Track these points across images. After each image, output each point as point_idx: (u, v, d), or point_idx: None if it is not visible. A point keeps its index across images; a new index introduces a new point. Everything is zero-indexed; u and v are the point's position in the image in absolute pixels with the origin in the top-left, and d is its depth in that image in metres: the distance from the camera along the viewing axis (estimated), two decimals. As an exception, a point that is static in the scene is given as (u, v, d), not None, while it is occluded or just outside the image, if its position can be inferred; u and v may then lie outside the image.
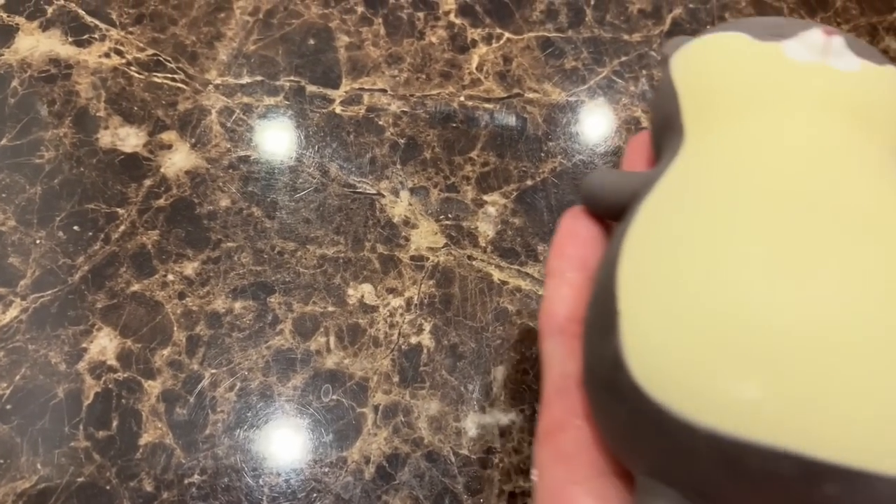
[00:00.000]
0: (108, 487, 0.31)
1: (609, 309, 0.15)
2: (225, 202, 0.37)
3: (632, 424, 0.15)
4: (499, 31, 0.42)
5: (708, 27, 0.17)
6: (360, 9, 0.42)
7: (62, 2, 0.41)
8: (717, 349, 0.13)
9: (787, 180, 0.16)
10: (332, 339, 0.34)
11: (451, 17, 0.42)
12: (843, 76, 0.18)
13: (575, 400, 0.17)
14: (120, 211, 0.36)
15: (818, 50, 0.18)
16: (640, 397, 0.14)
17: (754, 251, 0.14)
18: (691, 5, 0.44)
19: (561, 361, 0.18)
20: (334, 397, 0.33)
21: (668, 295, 0.14)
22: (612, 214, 0.19)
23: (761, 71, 0.18)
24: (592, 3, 0.44)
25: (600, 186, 0.19)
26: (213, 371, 0.33)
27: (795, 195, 0.15)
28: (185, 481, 0.31)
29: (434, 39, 0.42)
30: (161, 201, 0.36)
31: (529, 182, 0.38)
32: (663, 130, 0.20)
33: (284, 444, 0.32)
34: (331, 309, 0.35)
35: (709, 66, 0.19)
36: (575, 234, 0.20)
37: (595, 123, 0.40)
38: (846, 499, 0.13)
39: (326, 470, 0.32)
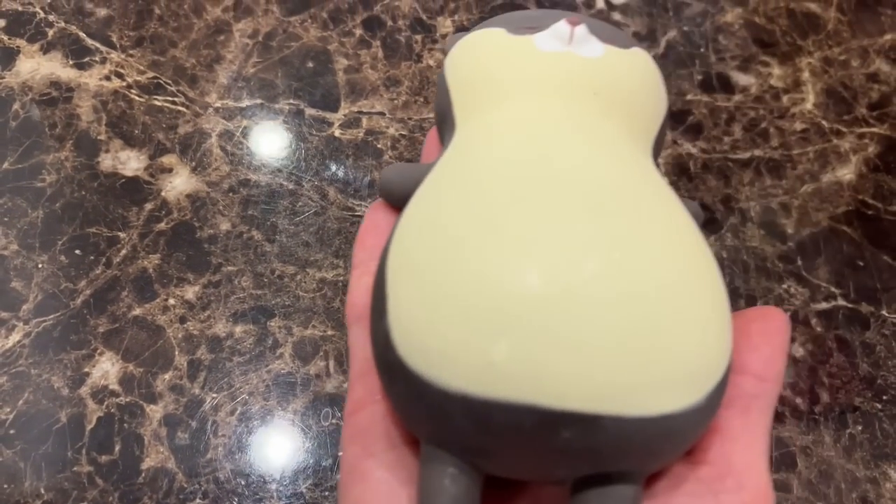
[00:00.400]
0: (110, 512, 0.31)
1: (381, 293, 0.17)
2: (225, 226, 0.37)
3: (406, 397, 0.16)
4: (496, 53, 0.43)
5: (479, 24, 0.19)
6: (358, 31, 0.43)
7: (63, 24, 0.42)
8: (462, 320, 0.15)
9: (531, 161, 0.17)
10: (331, 363, 0.34)
11: (449, 39, 0.43)
12: (586, 62, 0.19)
13: (374, 381, 0.18)
14: (121, 235, 0.37)
15: (564, 39, 0.19)
16: (406, 372, 0.16)
17: (496, 229, 0.16)
18: (685, 28, 0.44)
19: (363, 347, 0.19)
20: (334, 421, 0.33)
21: (422, 276, 0.16)
22: (403, 205, 0.20)
23: (512, 63, 0.20)
24: (588, 25, 0.44)
25: (389, 180, 0.21)
26: (214, 395, 0.34)
27: (537, 174, 0.17)
28: (187, 505, 0.32)
29: (431, 62, 0.42)
30: (162, 225, 0.37)
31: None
32: (442, 124, 0.21)
33: (286, 468, 0.32)
34: (330, 332, 0.35)
35: (470, 61, 0.21)
36: (375, 225, 0.21)
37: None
38: (581, 440, 0.14)
39: (327, 494, 0.32)
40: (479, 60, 0.20)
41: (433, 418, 0.16)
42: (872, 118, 0.42)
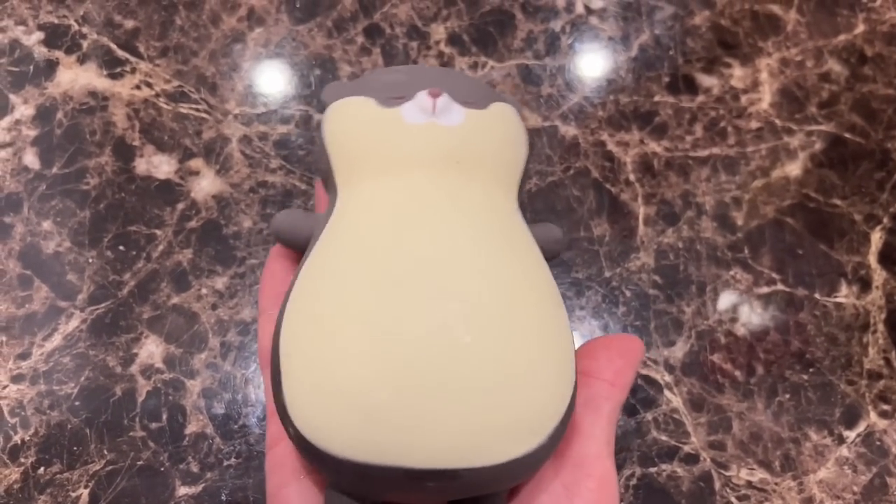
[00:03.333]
0: (162, 469, 0.38)
1: (277, 366, 0.20)
2: (247, 223, 0.43)
3: (306, 455, 0.20)
4: (483, 59, 0.47)
5: (345, 80, 0.20)
6: (360, 39, 0.47)
7: (95, 36, 0.47)
8: (341, 406, 0.19)
9: (396, 250, 0.20)
10: (341, 344, 0.41)
11: (441, 46, 0.47)
12: (447, 131, 0.21)
13: None
14: (158, 232, 0.42)
15: (428, 111, 0.21)
16: (303, 439, 0.19)
17: (363, 327, 0.19)
18: (657, 31, 0.49)
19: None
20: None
21: (305, 367, 0.20)
22: (299, 250, 0.23)
23: (383, 137, 0.22)
24: (567, 30, 0.49)
25: (281, 231, 0.23)
26: (243, 371, 0.40)
27: (401, 262, 0.19)
28: (224, 463, 0.38)
29: (426, 68, 0.47)
30: (192, 223, 0.43)
31: (508, 202, 0.44)
32: (325, 180, 0.23)
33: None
34: (339, 317, 0.41)
35: (346, 134, 0.22)
36: (273, 275, 0.24)
37: (567, 147, 0.45)
38: (444, 487, 0.19)
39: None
40: (354, 134, 0.22)
41: (328, 473, 0.20)
42: (821, 116, 0.47)
